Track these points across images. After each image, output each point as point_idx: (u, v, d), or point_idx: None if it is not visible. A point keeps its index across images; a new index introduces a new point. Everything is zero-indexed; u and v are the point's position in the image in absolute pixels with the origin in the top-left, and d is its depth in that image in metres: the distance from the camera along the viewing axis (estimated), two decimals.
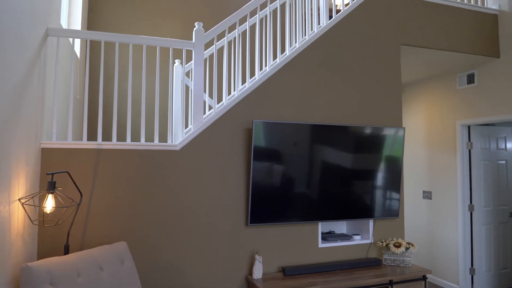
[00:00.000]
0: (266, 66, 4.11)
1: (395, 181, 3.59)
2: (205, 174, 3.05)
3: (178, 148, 2.98)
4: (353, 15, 3.66)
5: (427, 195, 5.29)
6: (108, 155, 2.81)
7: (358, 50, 3.64)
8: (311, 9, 4.56)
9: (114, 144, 2.84)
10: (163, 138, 4.88)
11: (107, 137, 4.69)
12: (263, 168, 3.12)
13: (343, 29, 3.60)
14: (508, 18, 4.29)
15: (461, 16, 4.18)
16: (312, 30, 4.32)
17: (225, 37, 3.32)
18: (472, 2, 4.30)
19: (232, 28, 5.34)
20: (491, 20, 4.37)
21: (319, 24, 4.41)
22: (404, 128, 3.58)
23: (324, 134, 3.31)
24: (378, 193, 3.54)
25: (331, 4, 5.05)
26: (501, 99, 4.32)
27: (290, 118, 3.35)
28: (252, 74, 5.20)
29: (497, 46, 4.36)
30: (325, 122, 3.46)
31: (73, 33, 2.81)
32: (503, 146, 5.06)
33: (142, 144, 2.90)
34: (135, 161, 2.87)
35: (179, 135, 4.06)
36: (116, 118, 2.90)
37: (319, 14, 4.99)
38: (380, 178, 3.53)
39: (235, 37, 4.23)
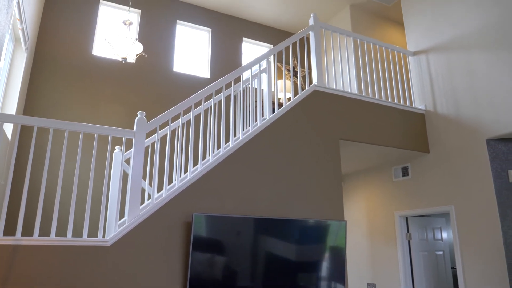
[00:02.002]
0: (209, 156, 4.08)
1: (339, 273, 3.49)
2: (139, 273, 2.78)
3: (109, 243, 2.72)
4: (295, 110, 3.82)
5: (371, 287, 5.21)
6: (27, 252, 2.49)
7: (300, 144, 3.74)
8: (255, 102, 4.74)
9: (35, 239, 2.54)
10: (96, 232, 4.51)
11: (29, 231, 4.25)
12: (204, 262, 2.91)
13: (285, 123, 3.72)
14: (433, 117, 4.71)
15: (393, 115, 4.52)
16: (255, 122, 4.43)
17: (168, 126, 3.29)
18: (402, 103, 4.70)
19: (176, 117, 5.37)
20: (420, 118, 4.77)
21: (262, 116, 4.56)
22: (345, 222, 3.59)
23: (267, 227, 3.23)
24: (323, 285, 3.40)
25: (274, 98, 5.31)
26: (433, 191, 4.56)
27: (233, 211, 3.24)
28: (196, 164, 5.14)
29: (426, 142, 4.71)
30: (268, 216, 3.38)
31: (2, 117, 2.63)
32: (439, 237, 5.23)
33: (68, 239, 2.62)
34: (58, 259, 2.56)
35: (112, 229, 3.76)
36: (41, 209, 2.63)
37: (262, 107, 5.19)
38: (324, 270, 3.43)
39: (179, 126, 4.22)
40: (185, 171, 4.81)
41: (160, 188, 4.89)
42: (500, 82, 3.99)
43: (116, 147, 3.88)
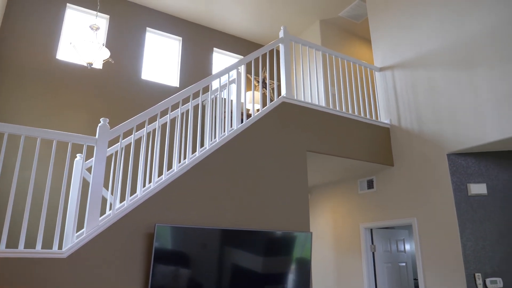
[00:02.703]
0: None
1: (304, 285, 3.48)
2: (96, 287, 2.65)
3: (64, 255, 2.59)
4: (263, 121, 3.82)
5: None
6: None
7: (267, 155, 3.73)
8: (224, 112, 4.71)
9: None
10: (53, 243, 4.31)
11: None
12: (167, 274, 2.83)
13: (253, 134, 3.71)
14: (398, 131, 4.83)
15: (359, 128, 4.60)
16: (223, 132, 4.40)
17: (133, 135, 3.20)
18: (368, 116, 4.80)
19: (141, 126, 5.26)
20: (385, 132, 4.88)
21: (231, 127, 4.53)
22: (311, 233, 3.60)
23: (234, 238, 3.18)
24: None
25: (243, 109, 5.30)
26: (397, 204, 4.65)
27: (198, 222, 3.18)
28: (161, 174, 5.03)
29: (391, 155, 4.82)
30: (234, 227, 3.34)
31: None
32: (403, 249, 5.33)
33: (20, 251, 2.47)
34: (9, 272, 2.41)
35: (69, 240, 3.61)
36: None
37: (231, 118, 5.16)
38: (290, 282, 3.41)
39: (144, 135, 4.13)
40: (150, 181, 4.69)
41: (123, 199, 4.74)
42: (460, 99, 4.15)
43: (77, 155, 3.74)
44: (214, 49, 6.76)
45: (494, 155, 4.15)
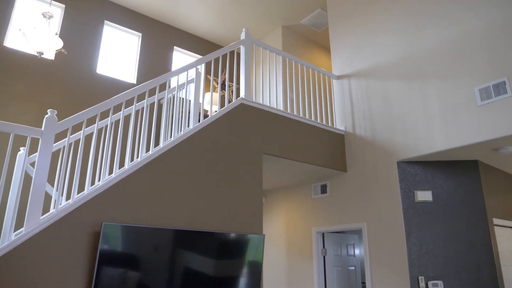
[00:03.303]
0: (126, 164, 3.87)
1: (255, 285, 3.47)
2: None
3: None
4: (220, 121, 3.78)
5: None
6: None
7: (223, 156, 3.70)
8: (181, 112, 4.63)
9: None
10: None
11: None
12: (114, 277, 2.71)
13: (210, 134, 3.66)
14: (352, 138, 4.96)
15: (315, 134, 4.68)
16: (179, 132, 4.32)
17: (83, 129, 3.06)
18: (324, 122, 4.89)
19: (93, 120, 5.06)
20: (340, 139, 4.99)
21: (188, 126, 4.46)
22: (264, 235, 3.60)
23: (186, 239, 3.11)
24: None
25: (201, 109, 5.23)
26: (348, 208, 4.77)
27: (149, 221, 3.08)
28: (112, 171, 4.86)
29: (345, 161, 4.94)
30: (187, 227, 3.27)
31: None
32: (352, 253, 5.46)
33: None
34: None
35: (5, 238, 3.38)
36: None
37: (189, 118, 5.08)
38: (242, 285, 3.38)
39: (95, 129, 3.96)
40: (99, 179, 4.50)
41: (70, 197, 4.52)
42: (411, 110, 4.33)
43: (21, 148, 3.52)
44: (175, 47, 6.65)
45: (440, 164, 4.36)
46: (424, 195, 4.20)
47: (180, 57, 6.76)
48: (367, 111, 4.87)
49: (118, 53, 5.98)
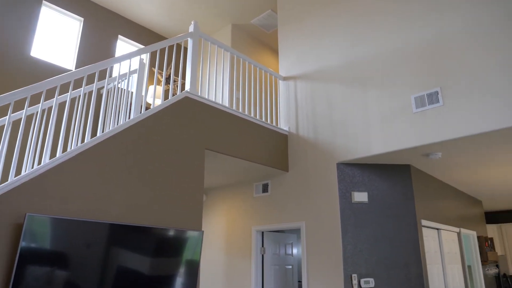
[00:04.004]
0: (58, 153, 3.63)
1: (191, 285, 3.38)
2: None
3: None
4: (163, 113, 3.66)
5: None
6: None
7: (164, 149, 3.58)
8: (121, 103, 4.43)
9: None
10: None
11: None
12: (38, 276, 2.50)
13: (151, 125, 3.53)
14: (295, 138, 5.04)
15: (260, 132, 4.69)
16: (118, 123, 4.14)
17: (9, 113, 2.80)
18: (269, 122, 4.92)
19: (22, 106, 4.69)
20: (283, 139, 5.05)
21: (129, 118, 4.28)
22: (203, 232, 3.53)
23: (121, 234, 2.95)
24: None
25: (143, 102, 5.05)
26: (288, 208, 4.83)
27: (82, 214, 2.89)
28: (41, 161, 4.53)
29: (287, 161, 5.00)
30: (122, 222, 3.11)
31: None
32: (290, 252, 5.55)
33: None
34: None
35: None
36: None
37: (131, 109, 4.89)
38: (178, 284, 3.28)
39: (24, 114, 3.67)
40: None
41: None
42: (352, 114, 4.49)
43: None
44: (119, 36, 6.37)
45: (376, 167, 4.56)
46: (361, 196, 4.37)
47: (125, 47, 6.49)
48: (310, 113, 4.97)
49: (57, 37, 5.60)
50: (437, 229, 5.02)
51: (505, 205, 8.45)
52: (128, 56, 3.61)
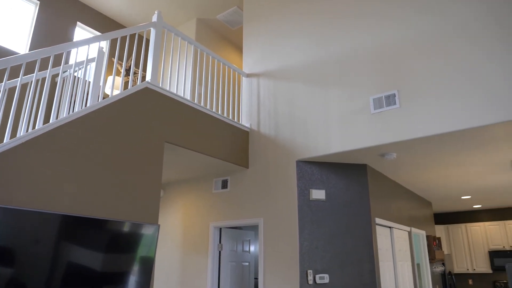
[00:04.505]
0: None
1: (145, 280, 3.29)
2: None
3: None
4: (122, 103, 3.54)
5: None
6: None
7: (122, 139, 3.46)
8: (77, 92, 4.26)
9: None
10: None
11: None
12: None
13: (109, 115, 3.40)
14: (256, 136, 5.05)
15: (221, 128, 4.66)
16: (73, 110, 3.96)
17: None
18: (230, 118, 4.90)
19: None
20: (244, 135, 5.04)
21: (86, 106, 4.12)
22: (159, 225, 3.45)
23: (72, 227, 2.81)
24: None
25: (100, 92, 4.87)
26: (248, 204, 4.83)
27: (29, 204, 2.73)
28: None
29: (247, 158, 5.00)
30: (74, 213, 2.97)
31: None
32: (248, 249, 5.55)
33: None
34: None
35: None
36: None
37: (86, 98, 4.71)
38: (132, 280, 3.17)
39: None
40: None
41: None
42: (312, 112, 4.56)
43: None
44: (78, 23, 6.11)
45: (334, 166, 4.66)
46: (318, 194, 4.44)
47: (83, 35, 6.24)
48: (272, 110, 5.00)
49: (9, 19, 5.28)
50: (390, 227, 5.20)
51: (452, 207, 8.92)
52: (86, 42, 3.47)
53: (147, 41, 7.08)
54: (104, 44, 6.33)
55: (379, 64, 4.20)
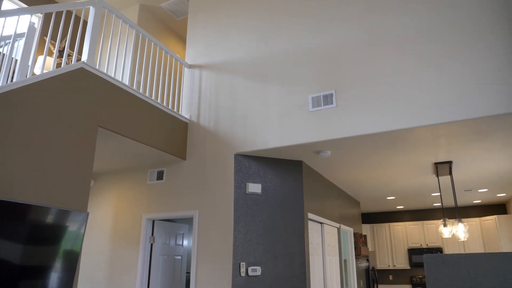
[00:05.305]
0: None
1: (68, 279, 3.10)
2: None
3: None
4: (52, 82, 3.32)
5: None
6: None
7: (52, 121, 3.23)
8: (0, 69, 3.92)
9: None
10: None
11: None
12: None
13: (36, 94, 3.17)
14: (195, 128, 4.99)
15: (160, 117, 4.54)
16: None
17: None
18: (170, 107, 4.79)
19: None
20: (183, 126, 4.96)
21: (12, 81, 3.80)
22: (87, 213, 3.28)
23: None
24: None
25: (29, 72, 4.53)
26: (183, 196, 4.76)
27: None
28: None
29: (185, 149, 4.92)
30: None
31: None
32: (181, 242, 5.46)
33: None
34: None
35: None
36: None
37: (13, 76, 4.37)
38: (53, 278, 2.96)
39: None
40: None
41: None
42: (252, 108, 4.61)
43: None
44: None
45: (272, 161, 4.74)
46: (255, 188, 4.50)
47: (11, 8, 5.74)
48: (213, 103, 4.98)
49: None
50: (321, 223, 5.41)
51: (378, 207, 9.50)
52: (16, 13, 3.20)
53: (85, 23, 6.71)
54: (36, 21, 5.90)
55: (320, 64, 4.35)
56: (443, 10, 3.89)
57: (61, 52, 6.00)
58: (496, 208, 9.16)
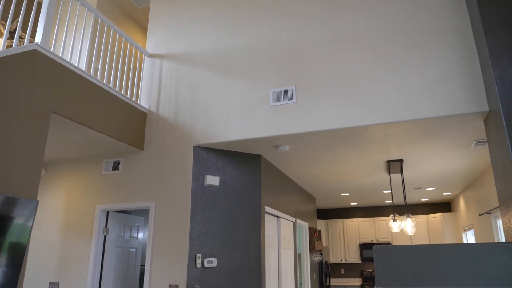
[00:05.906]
0: None
1: (13, 275, 2.96)
2: None
3: None
4: (2, 62, 3.15)
5: (53, 287, 4.73)
6: None
7: (0, 103, 3.07)
8: None
9: None
10: None
11: None
12: None
13: None
14: (154, 118, 4.91)
15: (117, 105, 4.42)
16: None
17: None
18: (128, 96, 4.68)
19: None
20: (141, 116, 4.86)
21: None
22: (37, 201, 3.14)
23: None
24: None
25: None
26: (140, 188, 4.67)
27: None
28: None
29: (143, 140, 4.83)
30: None
31: None
32: (135, 235, 5.36)
33: None
34: None
35: None
36: None
37: None
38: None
39: None
40: None
41: None
42: (214, 100, 4.60)
43: None
44: None
45: (231, 154, 4.76)
46: (213, 180, 4.50)
47: None
48: (173, 93, 4.92)
49: None
50: (277, 216, 5.50)
51: (333, 204, 9.78)
52: None
53: (39, 5, 6.39)
54: None
55: (281, 59, 4.42)
56: (399, 13, 4.07)
57: (12, 34, 5.68)
58: (441, 206, 9.71)
